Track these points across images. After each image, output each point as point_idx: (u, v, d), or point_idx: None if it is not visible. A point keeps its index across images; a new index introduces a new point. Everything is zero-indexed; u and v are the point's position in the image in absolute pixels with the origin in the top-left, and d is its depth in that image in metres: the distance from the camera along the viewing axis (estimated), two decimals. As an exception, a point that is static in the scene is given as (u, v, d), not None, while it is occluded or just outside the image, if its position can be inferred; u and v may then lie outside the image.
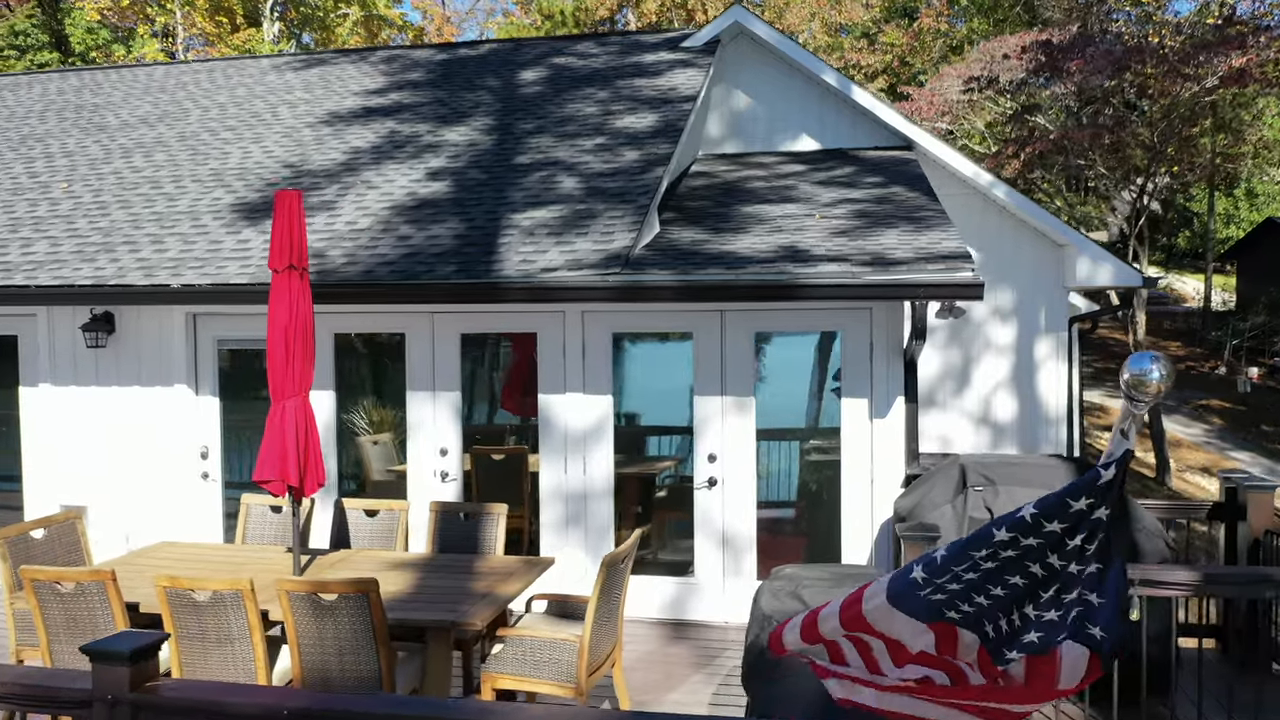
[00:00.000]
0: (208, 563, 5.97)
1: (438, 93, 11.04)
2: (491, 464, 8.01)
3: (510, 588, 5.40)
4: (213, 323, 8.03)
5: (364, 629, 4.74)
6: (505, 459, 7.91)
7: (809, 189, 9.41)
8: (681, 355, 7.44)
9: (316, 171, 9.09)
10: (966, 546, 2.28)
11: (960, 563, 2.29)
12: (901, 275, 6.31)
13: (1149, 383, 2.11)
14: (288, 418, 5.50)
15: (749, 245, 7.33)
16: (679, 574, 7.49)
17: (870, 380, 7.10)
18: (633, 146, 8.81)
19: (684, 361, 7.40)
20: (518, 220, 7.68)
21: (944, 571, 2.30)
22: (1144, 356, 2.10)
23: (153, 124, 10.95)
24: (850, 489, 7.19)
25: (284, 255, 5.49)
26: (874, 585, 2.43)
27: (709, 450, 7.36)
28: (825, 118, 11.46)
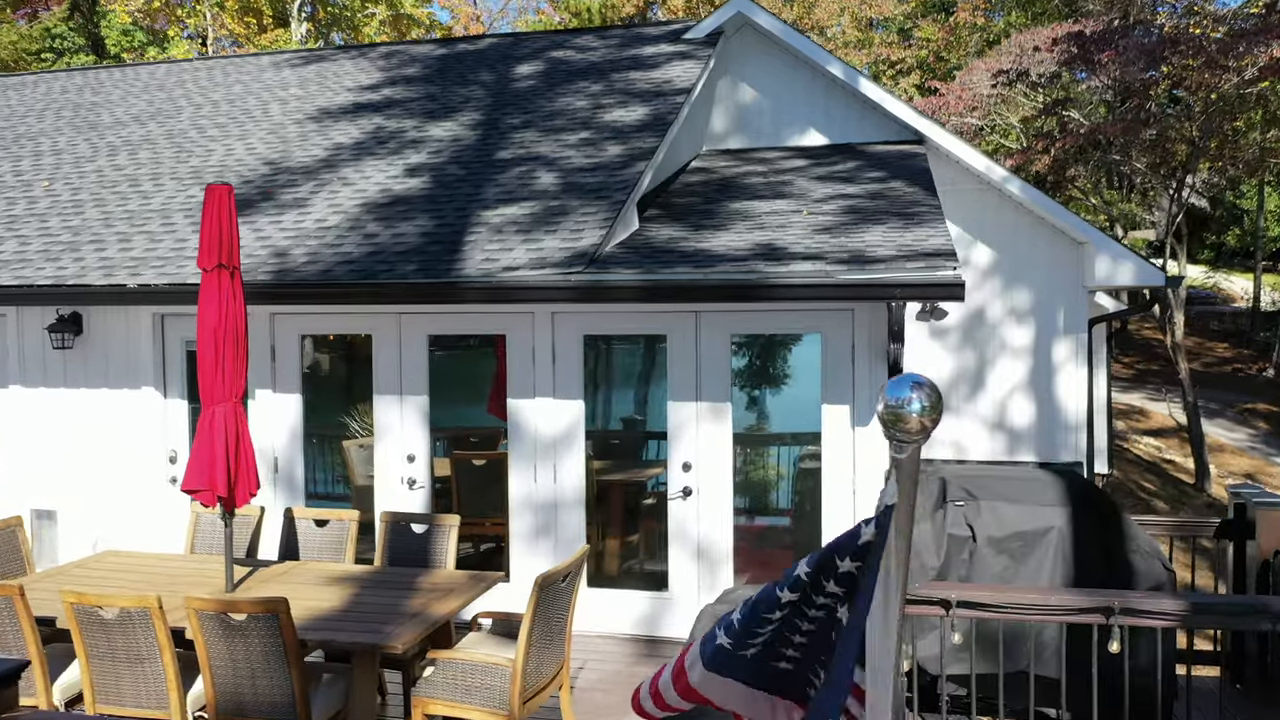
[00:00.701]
0: (143, 574, 5.73)
1: (430, 88, 10.79)
2: (474, 470, 7.73)
3: (446, 606, 5.09)
4: (181, 324, 7.82)
5: (275, 650, 4.46)
6: (487, 465, 7.62)
7: (805, 184, 9.01)
8: (662, 357, 7.09)
9: (295, 168, 8.86)
10: (756, 608, 1.92)
11: (757, 624, 1.93)
12: (878, 274, 5.91)
13: (907, 417, 1.68)
14: (217, 424, 5.24)
15: (725, 243, 6.96)
16: (654, 588, 7.14)
17: (852, 385, 6.70)
18: (617, 141, 8.47)
19: (664, 364, 7.06)
20: (488, 218, 7.38)
21: (745, 633, 1.95)
22: (903, 382, 1.70)
23: (144, 121, 10.82)
24: (832, 500, 6.79)
25: (213, 253, 5.23)
26: (691, 652, 2.08)
27: (683, 459, 7.00)
28: (832, 111, 11.04)
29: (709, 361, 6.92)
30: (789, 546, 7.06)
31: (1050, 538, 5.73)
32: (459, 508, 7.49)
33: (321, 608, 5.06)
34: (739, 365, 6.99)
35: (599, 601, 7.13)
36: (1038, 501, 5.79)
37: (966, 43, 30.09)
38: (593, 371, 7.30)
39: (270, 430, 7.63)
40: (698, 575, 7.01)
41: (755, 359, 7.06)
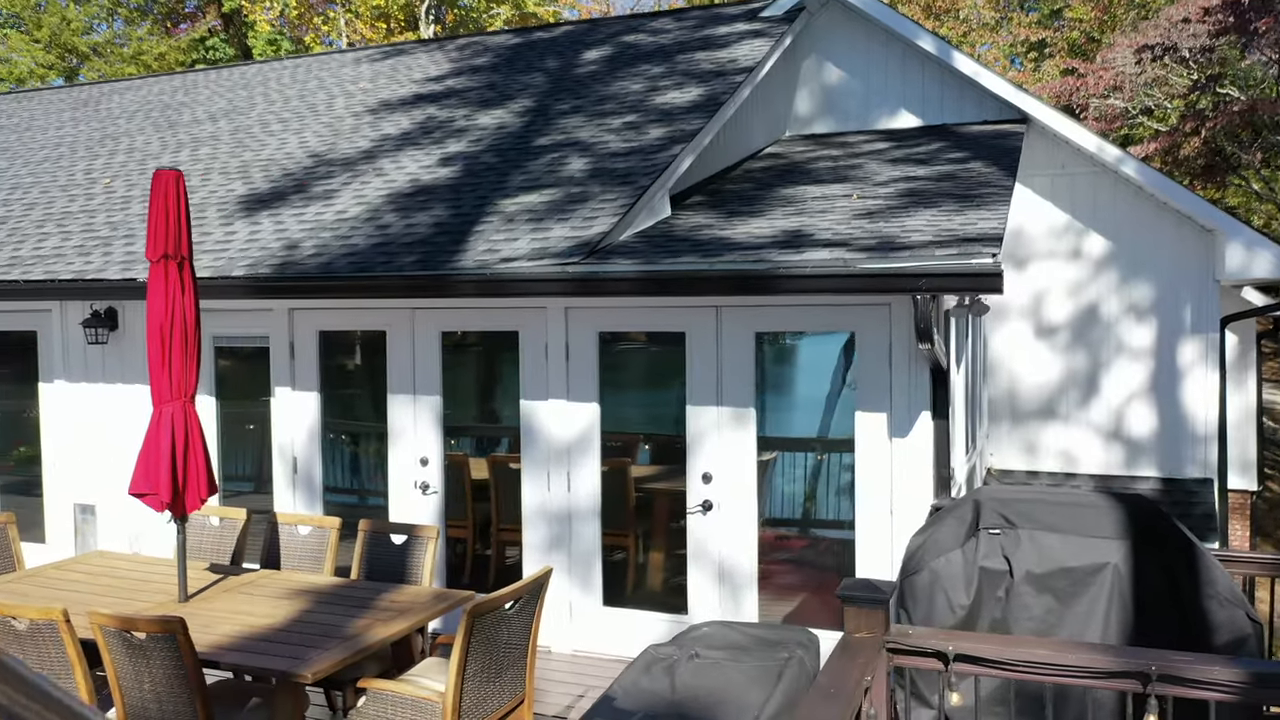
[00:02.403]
0: (111, 579, 5.51)
1: (494, 77, 10.43)
2: (511, 474, 7.24)
3: (389, 629, 4.63)
4: (209, 319, 7.67)
5: (177, 673, 4.09)
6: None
7: (875, 167, 8.18)
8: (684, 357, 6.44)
9: (336, 160, 8.64)
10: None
11: None
12: (901, 263, 5.10)
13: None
14: (164, 425, 4.94)
15: (748, 231, 6.26)
16: (671, 610, 6.50)
17: (889, 391, 5.89)
18: (662, 124, 7.85)
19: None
20: (504, 206, 6.91)
21: None
22: None
23: (216, 119, 10.89)
24: (865, 520, 6.00)
25: (159, 243, 4.94)
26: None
27: (703, 469, 6.34)
28: (927, 91, 10.11)
29: (731, 362, 6.23)
30: (820, 569, 6.30)
31: (1105, 576, 4.81)
32: (497, 515, 7.03)
33: (259, 625, 4.69)
34: (764, 367, 6.27)
35: (614, 622, 6.55)
36: (1090, 532, 4.87)
37: (1122, 20, 27.84)
38: (617, 370, 6.72)
39: (289, 429, 7.39)
40: (719, 598, 6.33)
41: (782, 360, 6.32)
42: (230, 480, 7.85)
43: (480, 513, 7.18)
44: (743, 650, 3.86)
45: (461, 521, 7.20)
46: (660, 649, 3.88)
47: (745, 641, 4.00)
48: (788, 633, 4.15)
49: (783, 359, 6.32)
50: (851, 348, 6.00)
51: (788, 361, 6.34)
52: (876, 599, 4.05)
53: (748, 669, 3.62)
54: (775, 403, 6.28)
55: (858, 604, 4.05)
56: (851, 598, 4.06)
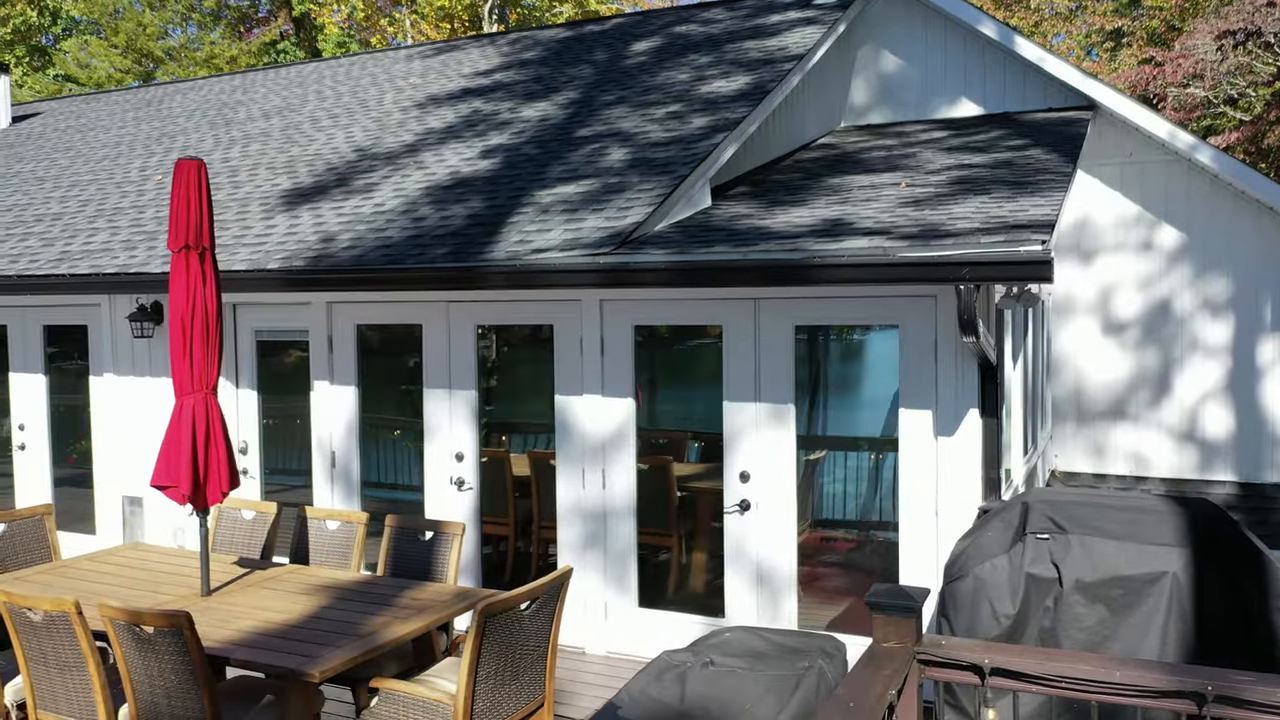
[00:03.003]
0: (137, 571, 5.50)
1: (542, 70, 10.32)
2: (551, 470, 7.09)
3: (405, 628, 4.51)
4: (252, 313, 7.69)
5: (185, 668, 4.01)
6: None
7: (929, 156, 7.87)
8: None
9: (379, 155, 8.60)
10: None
11: None
12: (943, 251, 4.82)
13: None
14: (185, 418, 4.89)
15: (787, 220, 6.02)
16: (708, 613, 6.29)
17: (935, 387, 5.60)
18: (706, 113, 7.64)
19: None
20: (540, 197, 6.77)
21: None
22: None
23: (270, 116, 10.97)
24: (909, 523, 5.72)
25: (180, 234, 4.89)
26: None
27: (740, 468, 6.12)
28: (989, 78, 9.74)
29: (770, 356, 6.00)
30: (864, 572, 6.03)
31: (1163, 586, 4.48)
32: (538, 512, 6.89)
33: (275, 621, 4.60)
34: (804, 361, 6.02)
35: (649, 624, 6.37)
36: (1148, 538, 4.54)
37: (1203, 6, 26.74)
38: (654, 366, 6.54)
39: (327, 423, 7.35)
40: (757, 602, 6.10)
41: (823, 354, 6.07)
42: (274, 474, 7.85)
43: (522, 510, 7.06)
44: (762, 658, 3.65)
45: (502, 519, 7.09)
46: (675, 655, 3.68)
47: (767, 648, 3.78)
48: (813, 640, 3.92)
49: (824, 353, 6.07)
50: (896, 342, 5.73)
51: (829, 356, 6.08)
52: (907, 606, 3.79)
53: (763, 678, 3.41)
54: (816, 399, 6.03)
55: (887, 612, 3.80)
56: (880, 605, 3.81)
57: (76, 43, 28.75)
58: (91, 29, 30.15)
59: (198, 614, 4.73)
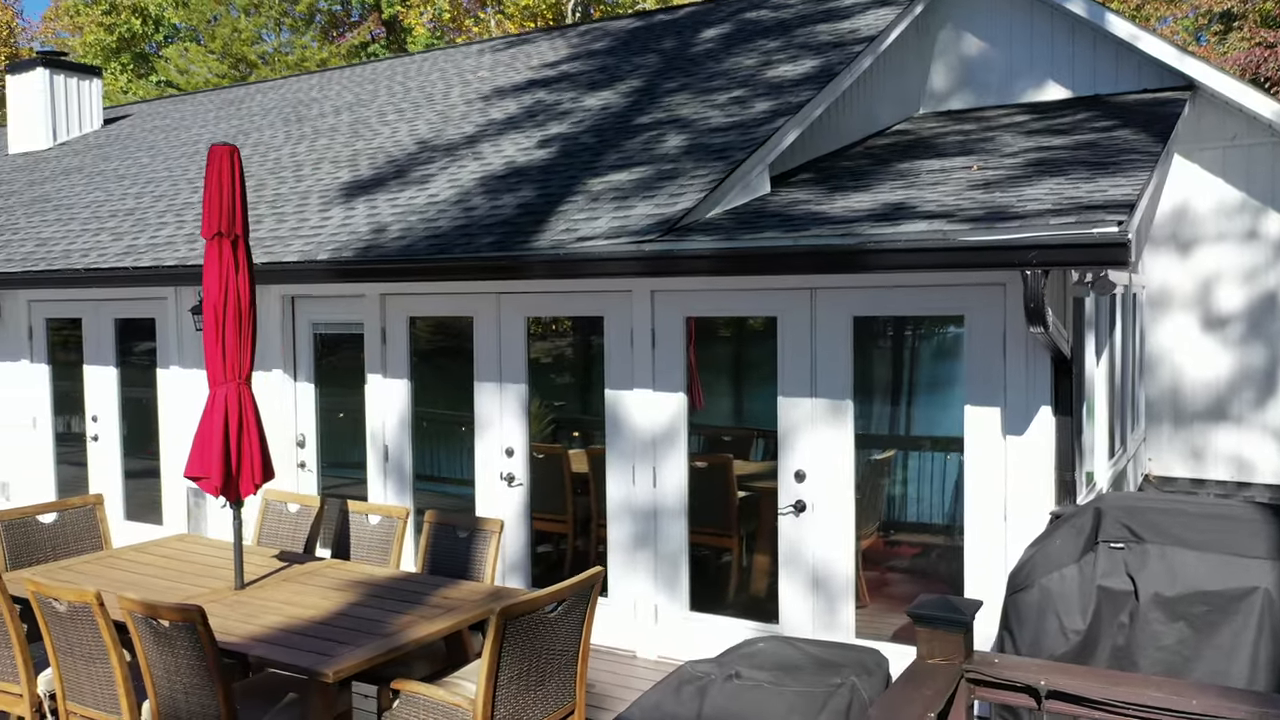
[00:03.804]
0: (178, 562, 5.47)
1: (608, 60, 10.13)
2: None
3: (430, 627, 4.35)
4: (309, 306, 7.67)
5: (200, 664, 3.91)
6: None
7: (1009, 139, 7.42)
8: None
9: (439, 146, 8.51)
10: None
11: None
12: (1008, 234, 4.44)
13: None
14: (218, 408, 4.82)
15: (846, 205, 5.69)
16: (762, 619, 6.00)
17: (1004, 383, 5.20)
18: (770, 97, 7.34)
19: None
20: (592, 185, 6.56)
21: None
22: None
23: (340, 112, 11.02)
24: (975, 528, 5.34)
25: (213, 220, 4.81)
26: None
27: (795, 466, 5.81)
28: (1078, 59, 9.19)
29: (827, 349, 5.68)
30: (929, 579, 5.66)
31: (1253, 603, 4.03)
32: (596, 510, 6.68)
33: (301, 617, 4.49)
34: (863, 355, 5.68)
35: (700, 628, 6.11)
36: (1236, 549, 4.10)
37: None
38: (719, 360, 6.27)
39: (380, 416, 7.28)
40: (813, 609, 5.79)
41: (884, 347, 5.71)
42: (332, 468, 7.82)
43: (581, 507, 6.86)
44: (792, 672, 3.36)
45: (561, 516, 6.91)
46: (698, 666, 3.42)
47: (800, 661, 3.49)
48: (853, 653, 3.61)
49: (885, 347, 5.71)
50: (961, 334, 5.35)
51: (890, 349, 5.72)
52: (955, 620, 3.46)
53: (789, 695, 3.13)
54: (876, 395, 5.68)
55: (932, 625, 3.48)
56: (924, 617, 3.49)
57: (177, 49, 29.71)
58: (191, 36, 31.13)
59: (228, 608, 4.65)
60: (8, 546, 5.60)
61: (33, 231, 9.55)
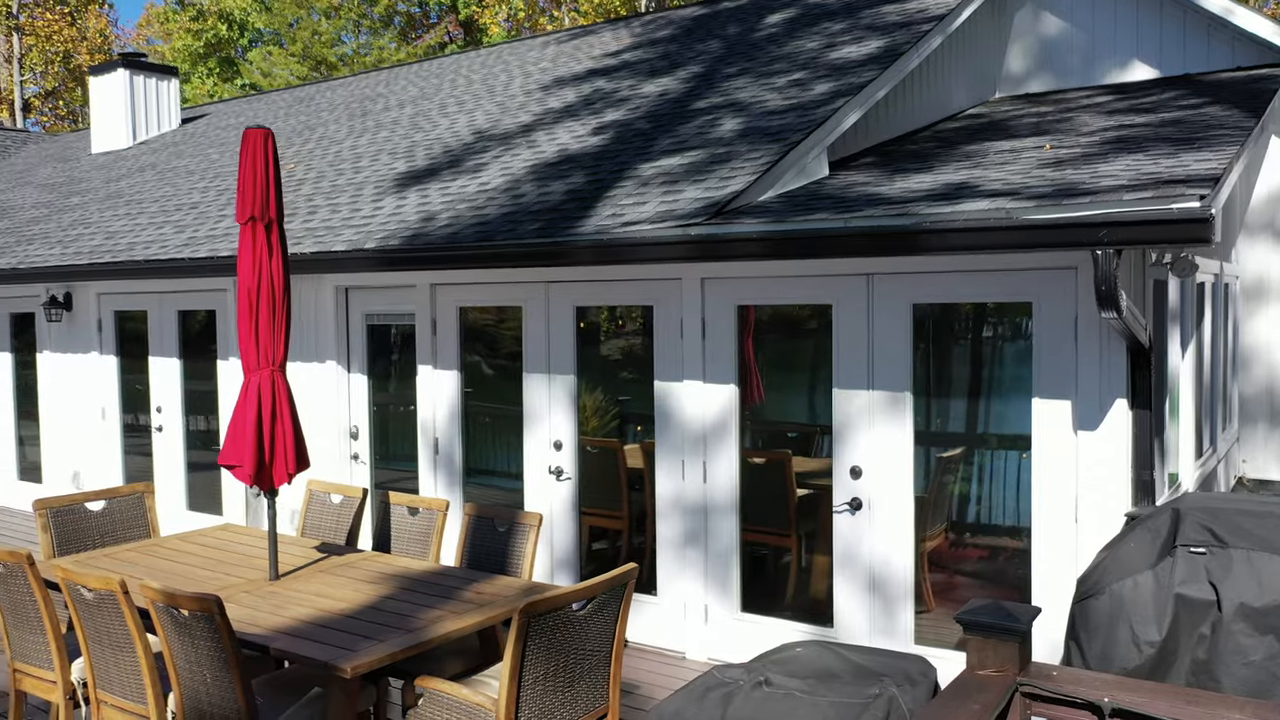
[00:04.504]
0: (218, 551, 5.42)
1: (669, 48, 9.90)
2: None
3: (460, 622, 4.19)
4: (362, 297, 7.61)
5: (219, 654, 3.81)
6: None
7: (1087, 119, 7.01)
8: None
9: (495, 135, 8.40)
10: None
11: None
12: (1077, 211, 4.10)
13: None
14: (251, 395, 4.73)
15: (905, 187, 5.38)
16: (815, 621, 5.72)
17: (1075, 374, 4.84)
18: (831, 79, 7.04)
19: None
20: (642, 170, 6.35)
21: None
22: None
23: (403, 105, 11.01)
24: (1043, 529, 4.98)
25: (246, 205, 4.73)
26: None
27: (851, 462, 5.52)
28: (1166, 37, 8.69)
29: (884, 339, 5.37)
30: (996, 584, 5.31)
31: (1353, 616, 3.63)
32: (651, 506, 6.48)
33: (329, 610, 4.37)
34: (924, 345, 5.36)
35: (751, 630, 5.85)
36: (1333, 556, 3.69)
37: None
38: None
39: (431, 407, 7.18)
40: (869, 612, 5.49)
41: (946, 337, 5.38)
42: (385, 460, 7.75)
43: (636, 503, 6.66)
44: (827, 680, 3.10)
45: (616, 512, 6.72)
46: (727, 671, 3.19)
47: (840, 668, 3.23)
48: (897, 662, 3.34)
49: (947, 336, 5.38)
50: (1029, 322, 5.00)
51: (953, 339, 5.39)
52: (1009, 628, 3.17)
53: (822, 705, 2.87)
54: (937, 388, 5.36)
55: (983, 633, 3.19)
56: (975, 624, 3.21)
57: (260, 53, 30.40)
58: (274, 40, 31.83)
59: (259, 598, 4.56)
60: (56, 534, 5.62)
61: (103, 225, 9.73)
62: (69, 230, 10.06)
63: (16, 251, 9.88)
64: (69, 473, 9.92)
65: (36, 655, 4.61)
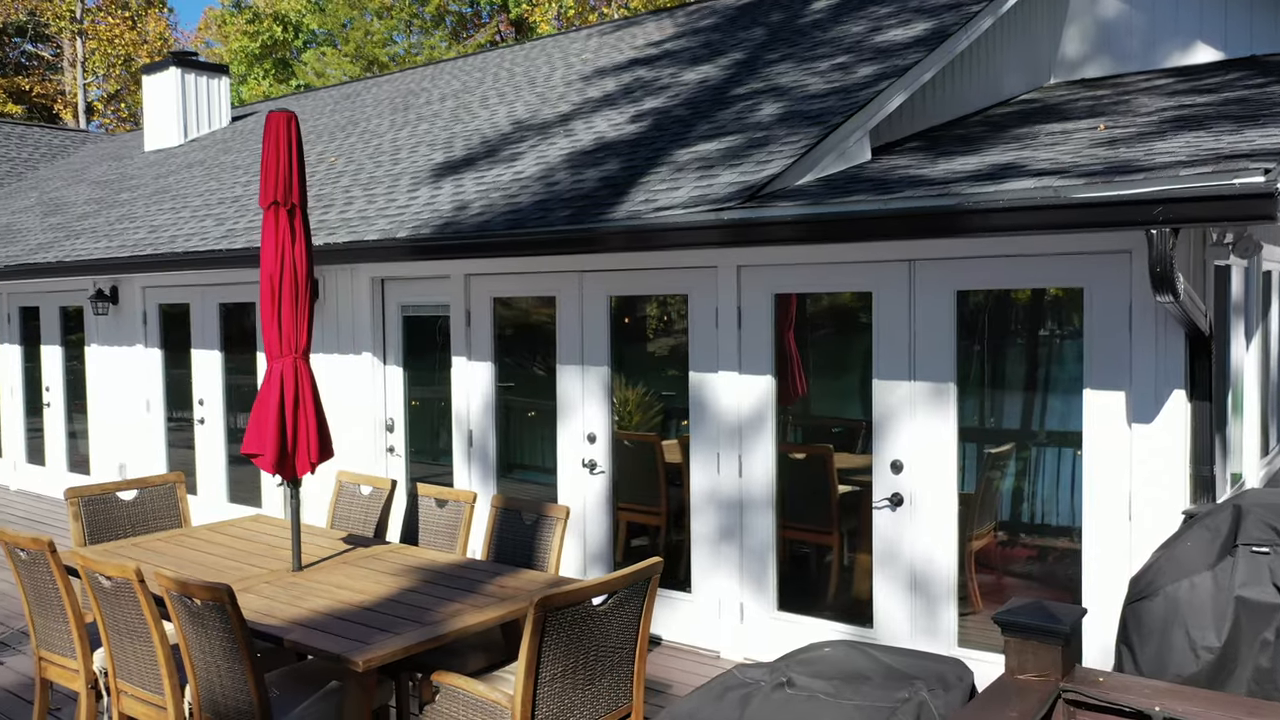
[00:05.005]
0: (245, 542, 5.36)
1: (712, 36, 9.72)
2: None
3: (480, 616, 4.07)
4: (398, 288, 7.55)
5: (231, 645, 3.73)
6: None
7: (1144, 101, 6.69)
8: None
9: (533, 125, 8.29)
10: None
11: None
12: (1131, 188, 3.85)
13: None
14: (273, 383, 4.66)
15: (948, 168, 5.15)
16: (854, 621, 5.51)
17: (1129, 364, 4.58)
18: (875, 62, 6.82)
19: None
20: (678, 156, 6.19)
21: None
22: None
23: (445, 99, 10.97)
24: (1094, 527, 4.72)
25: (269, 189, 4.66)
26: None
27: (892, 456, 5.30)
28: (1232, 16, 8.32)
29: (927, 327, 5.15)
30: (1045, 585, 5.06)
31: None
32: (689, 501, 6.32)
33: (348, 602, 4.28)
34: (968, 334, 5.12)
35: (788, 630, 5.66)
36: None
37: None
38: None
39: (465, 399, 7.09)
40: (910, 612, 5.27)
41: (992, 326, 5.13)
42: (420, 454, 7.68)
43: (675, 499, 6.50)
44: (854, 682, 2.92)
45: (654, 507, 6.56)
46: (748, 671, 3.01)
47: (868, 670, 3.04)
48: (931, 664, 3.13)
49: (993, 325, 5.14)
50: (1080, 310, 4.74)
51: (999, 328, 5.14)
52: (1050, 629, 2.96)
53: (846, 709, 2.69)
54: (982, 379, 5.12)
55: (1022, 634, 2.99)
56: (1014, 625, 3.00)
57: (314, 54, 30.75)
58: (327, 41, 32.18)
59: (279, 589, 4.48)
60: (87, 522, 5.61)
61: (147, 220, 9.81)
62: (115, 225, 10.17)
63: (64, 246, 10.01)
64: (115, 465, 10.02)
65: (60, 643, 4.58)
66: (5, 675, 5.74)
